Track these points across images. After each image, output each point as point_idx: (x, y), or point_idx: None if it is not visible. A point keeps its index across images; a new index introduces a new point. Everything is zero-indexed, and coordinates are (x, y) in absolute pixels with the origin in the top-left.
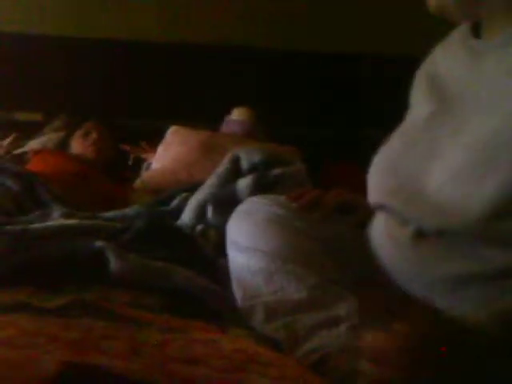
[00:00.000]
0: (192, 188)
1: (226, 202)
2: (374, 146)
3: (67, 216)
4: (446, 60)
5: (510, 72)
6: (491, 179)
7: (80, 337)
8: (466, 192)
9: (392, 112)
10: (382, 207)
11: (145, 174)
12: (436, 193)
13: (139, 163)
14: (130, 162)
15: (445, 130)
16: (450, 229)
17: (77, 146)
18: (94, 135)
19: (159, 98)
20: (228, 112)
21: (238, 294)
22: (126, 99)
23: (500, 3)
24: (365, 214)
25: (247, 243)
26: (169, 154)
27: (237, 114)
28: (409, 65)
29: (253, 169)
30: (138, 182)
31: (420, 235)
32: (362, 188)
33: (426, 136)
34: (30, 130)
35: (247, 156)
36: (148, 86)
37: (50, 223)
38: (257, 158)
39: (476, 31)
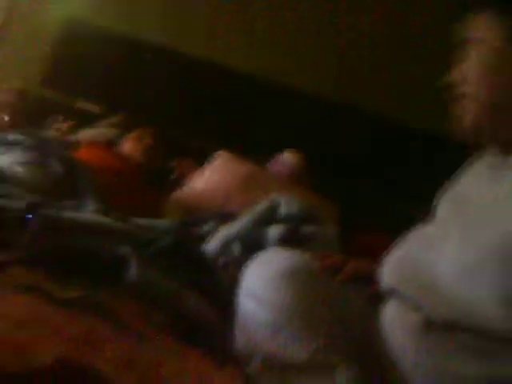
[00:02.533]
0: (226, 218)
1: (253, 244)
2: (408, 224)
3: (100, 212)
4: (473, 175)
5: None
6: (501, 279)
7: (82, 333)
8: (476, 289)
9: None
10: (394, 292)
11: (184, 191)
12: (447, 286)
13: (181, 179)
14: (173, 176)
15: (458, 229)
16: (457, 322)
17: (128, 146)
18: (147, 140)
19: (217, 120)
20: (280, 151)
21: (239, 337)
22: (185, 114)
23: None
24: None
25: (260, 292)
26: (212, 177)
27: (287, 157)
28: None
29: (288, 219)
30: (174, 197)
31: (430, 324)
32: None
33: (440, 232)
34: (87, 120)
35: (286, 205)
36: (211, 106)
37: (83, 215)
38: (295, 209)
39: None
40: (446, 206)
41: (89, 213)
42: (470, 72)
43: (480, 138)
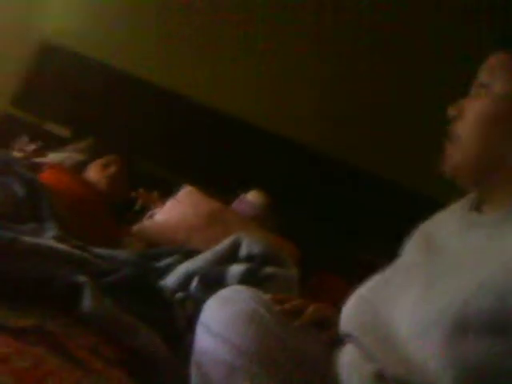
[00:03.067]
0: (187, 253)
1: (213, 281)
2: (370, 271)
3: (59, 239)
4: (444, 225)
5: (497, 251)
6: (460, 345)
7: (28, 366)
8: (430, 351)
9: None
10: (351, 338)
11: (145, 223)
12: (401, 341)
13: (144, 210)
14: (136, 207)
15: (421, 280)
16: (409, 381)
17: (93, 173)
18: (113, 169)
19: (185, 154)
20: (245, 191)
21: (194, 375)
22: (154, 145)
23: (508, 186)
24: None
25: (218, 329)
26: (175, 211)
27: (252, 196)
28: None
29: (250, 258)
30: (136, 228)
31: (383, 378)
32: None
33: (401, 282)
34: (54, 143)
35: (249, 244)
36: (180, 140)
37: (40, 241)
38: (256, 249)
39: (479, 204)
40: (414, 251)
41: (47, 239)
42: (468, 114)
43: (460, 183)
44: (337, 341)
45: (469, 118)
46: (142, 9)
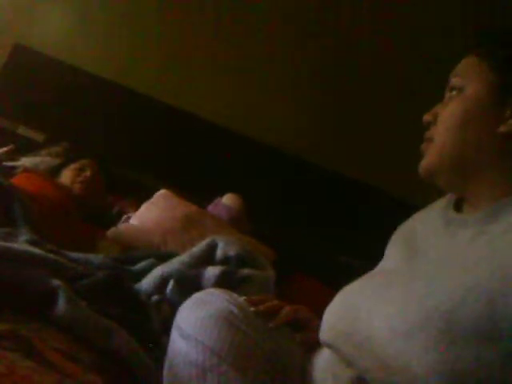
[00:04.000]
0: (162, 256)
1: (188, 284)
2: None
3: (33, 243)
4: (425, 225)
5: (484, 255)
6: (447, 350)
7: (4, 371)
8: (414, 354)
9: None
10: (329, 347)
11: (120, 226)
12: (384, 347)
13: (120, 215)
14: (113, 211)
15: (403, 281)
16: None
17: (67, 177)
18: (87, 173)
19: (160, 158)
20: (220, 194)
21: (166, 377)
22: (129, 149)
23: (484, 185)
24: (314, 336)
25: (191, 331)
26: (150, 214)
27: (228, 200)
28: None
29: (225, 260)
30: (110, 232)
31: (362, 382)
32: (320, 307)
33: (382, 285)
34: (28, 147)
35: (224, 246)
36: (155, 143)
37: (13, 245)
38: (232, 252)
39: (458, 204)
40: (396, 253)
41: (21, 243)
42: (441, 117)
43: (435, 185)
44: (312, 343)
45: (442, 121)
46: (113, 10)
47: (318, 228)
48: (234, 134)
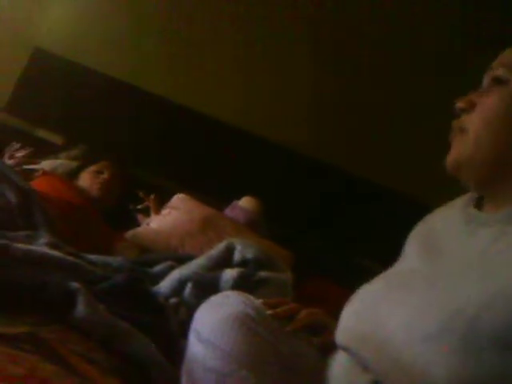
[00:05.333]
0: (180, 259)
1: (206, 287)
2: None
3: (52, 246)
4: (445, 223)
5: (502, 253)
6: (469, 357)
7: (23, 374)
8: (432, 359)
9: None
10: (346, 350)
11: (139, 229)
12: (402, 350)
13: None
14: (136, 207)
15: (421, 284)
16: None
17: (86, 180)
18: (106, 175)
19: (179, 161)
20: (238, 197)
21: (184, 381)
22: (147, 152)
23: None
24: (331, 339)
25: (209, 336)
26: (169, 218)
27: (245, 202)
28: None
29: (243, 263)
30: (129, 234)
31: None
32: (337, 309)
33: (402, 286)
34: (47, 150)
35: (242, 249)
36: (173, 147)
37: (33, 247)
38: (250, 254)
39: (479, 202)
40: (415, 253)
41: (40, 246)
42: (480, 108)
43: (459, 178)
44: (329, 347)
45: (482, 113)
46: (135, 16)
47: (335, 230)
48: (251, 137)
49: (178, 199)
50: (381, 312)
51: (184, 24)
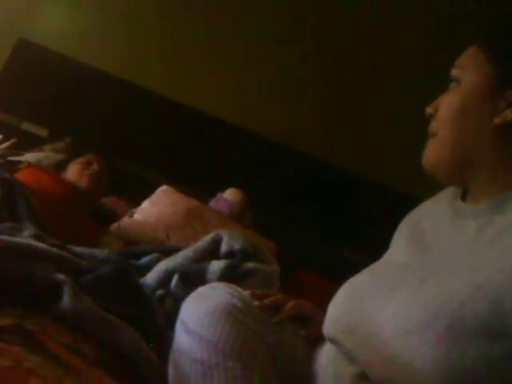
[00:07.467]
0: (166, 251)
1: (193, 278)
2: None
3: (37, 238)
4: (432, 215)
5: (487, 244)
6: (454, 348)
7: (9, 366)
8: (419, 351)
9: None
10: (333, 341)
11: (124, 221)
12: (390, 343)
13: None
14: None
15: (411, 279)
16: (392, 381)
17: (74, 171)
18: (95, 167)
19: (163, 153)
20: (222, 189)
21: (171, 373)
22: (132, 144)
23: (485, 177)
24: (318, 330)
25: (195, 327)
26: (154, 210)
27: (230, 194)
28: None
29: (230, 254)
30: (114, 226)
31: (363, 378)
32: (324, 301)
33: (392, 280)
34: (31, 143)
35: (229, 240)
36: (158, 139)
37: (18, 239)
38: (237, 245)
39: (464, 195)
40: (403, 246)
41: (25, 237)
42: (441, 110)
43: (438, 179)
44: (316, 338)
45: (442, 113)
46: (116, 4)
47: (320, 222)
48: (235, 129)
49: (162, 191)
50: (369, 305)
51: (172, 16)
